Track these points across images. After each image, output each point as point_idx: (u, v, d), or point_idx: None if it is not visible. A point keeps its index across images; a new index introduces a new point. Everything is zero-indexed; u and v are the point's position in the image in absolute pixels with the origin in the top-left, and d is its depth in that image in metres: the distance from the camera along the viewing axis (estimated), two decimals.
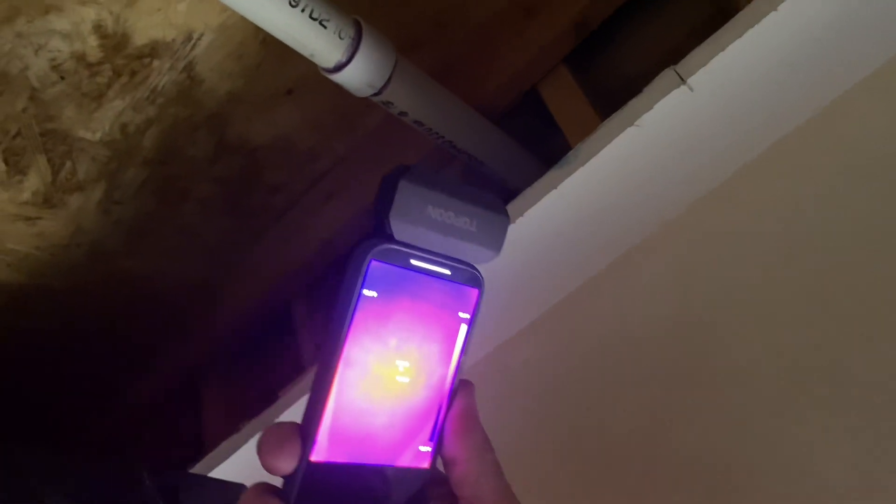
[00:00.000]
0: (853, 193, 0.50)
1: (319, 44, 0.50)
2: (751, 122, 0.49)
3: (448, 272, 0.34)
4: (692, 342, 0.55)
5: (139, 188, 0.71)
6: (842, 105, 0.50)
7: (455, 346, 0.35)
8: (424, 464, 0.35)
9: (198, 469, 0.64)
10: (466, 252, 0.34)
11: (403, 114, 0.57)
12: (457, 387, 0.35)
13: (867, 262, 0.49)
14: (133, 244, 0.75)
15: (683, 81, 0.42)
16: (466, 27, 0.68)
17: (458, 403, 0.35)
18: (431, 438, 0.34)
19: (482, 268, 0.35)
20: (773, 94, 0.47)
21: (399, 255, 0.32)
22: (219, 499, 0.50)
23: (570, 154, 0.46)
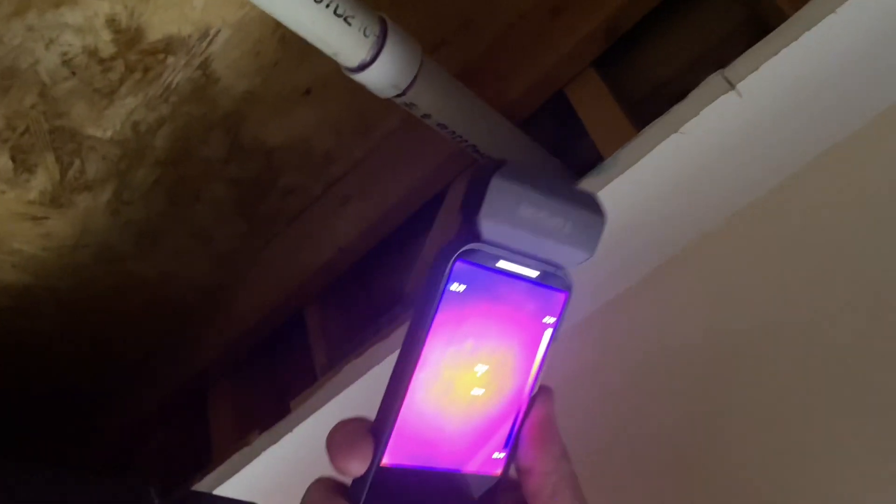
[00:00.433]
0: None
1: (343, 42, 0.48)
2: (801, 131, 0.46)
3: (536, 274, 0.32)
4: (730, 356, 0.53)
5: (150, 189, 0.69)
6: None
7: (537, 352, 0.33)
8: (497, 471, 0.33)
9: (206, 483, 0.62)
10: (557, 253, 0.32)
11: (427, 116, 0.55)
12: (536, 393, 0.33)
13: None
14: (142, 246, 0.73)
15: (732, 87, 0.40)
16: (492, 27, 0.66)
17: (537, 411, 0.33)
18: (506, 446, 0.33)
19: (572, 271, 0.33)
20: (827, 102, 0.44)
21: (486, 256, 0.30)
22: None
23: (609, 161, 0.44)
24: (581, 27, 0.61)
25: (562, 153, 0.65)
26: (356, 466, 0.29)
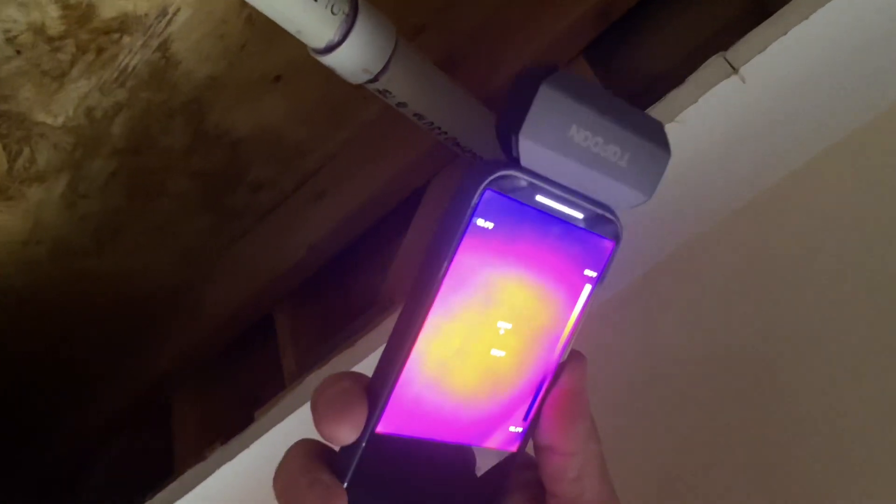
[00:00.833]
0: None
1: (307, 18, 0.43)
2: (809, 121, 0.42)
3: (581, 216, 0.27)
4: (722, 365, 0.49)
5: (108, 181, 0.64)
6: None
7: (573, 311, 0.28)
8: (512, 447, 0.28)
9: (162, 498, 0.58)
10: (609, 192, 0.27)
11: (402, 105, 0.51)
12: (566, 360, 0.28)
13: None
14: (101, 242, 0.69)
15: (735, 71, 0.36)
16: (476, 11, 0.62)
17: (566, 380, 0.28)
18: (525, 418, 0.28)
19: (624, 215, 0.28)
20: (840, 89, 0.40)
21: (523, 188, 0.25)
22: None
23: None
24: (571, 11, 0.57)
25: None
26: (346, 432, 0.24)
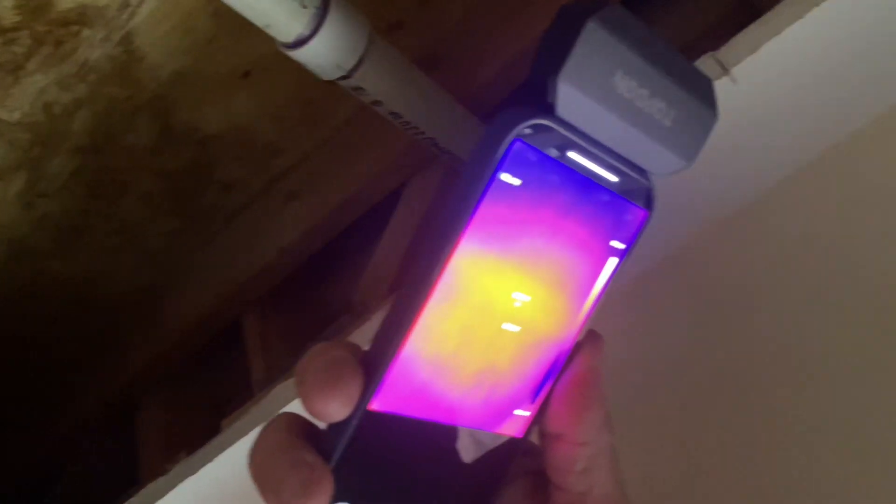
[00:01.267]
0: None
1: (277, 12, 0.41)
2: (803, 124, 0.41)
3: (615, 179, 0.24)
4: (713, 375, 0.47)
5: (68, 179, 0.61)
6: None
7: (595, 285, 0.25)
8: (517, 432, 0.26)
9: None
10: (648, 154, 0.24)
11: (377, 103, 0.48)
12: (582, 339, 0.26)
13: None
14: (62, 244, 0.66)
15: (726, 71, 0.34)
16: (456, 9, 0.60)
17: (580, 362, 0.26)
18: (534, 401, 0.25)
19: (660, 182, 0.25)
20: (835, 92, 0.39)
21: (557, 140, 0.22)
22: None
23: None
24: (552, 9, 0.55)
25: None
26: (336, 409, 0.22)
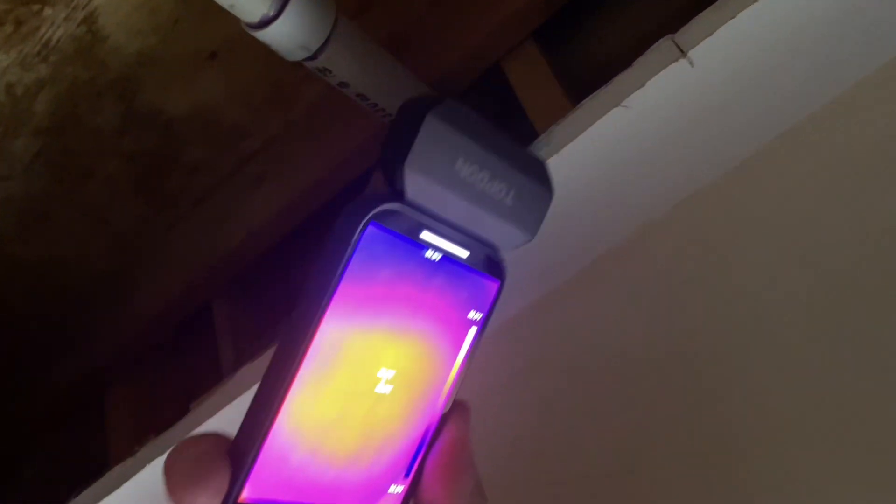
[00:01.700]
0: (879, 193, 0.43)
1: None
2: (760, 107, 0.42)
3: (466, 255, 0.25)
4: (675, 357, 0.48)
5: (32, 162, 0.60)
6: (870, 86, 0.42)
7: (457, 356, 0.26)
8: None
9: (90, 494, 0.55)
10: (494, 230, 0.25)
11: (344, 84, 0.48)
12: (449, 410, 0.26)
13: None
14: (26, 227, 0.65)
15: (683, 54, 0.34)
16: None
17: (449, 433, 0.26)
18: (408, 475, 0.26)
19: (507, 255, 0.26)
20: (793, 74, 0.39)
21: (408, 223, 0.23)
22: None
23: (542, 139, 0.38)
24: None
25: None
26: (205, 502, 0.21)
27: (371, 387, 0.24)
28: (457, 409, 0.27)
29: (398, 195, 0.23)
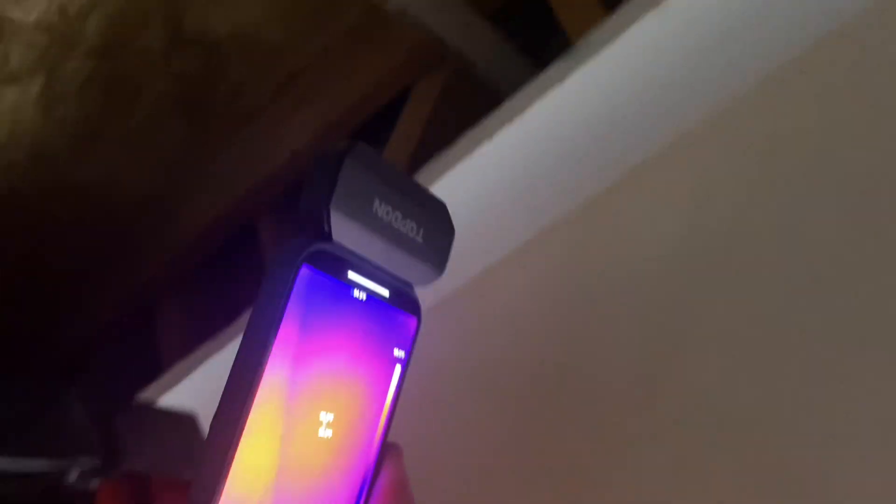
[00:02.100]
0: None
1: None
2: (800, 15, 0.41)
3: (387, 293, 0.26)
4: (705, 269, 0.49)
5: (84, 83, 0.63)
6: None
7: (387, 396, 0.27)
8: None
9: (148, 394, 0.59)
10: (408, 268, 0.26)
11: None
12: (383, 451, 0.27)
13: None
14: (79, 147, 0.68)
15: None
16: None
17: (387, 474, 0.26)
18: None
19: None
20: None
21: (336, 263, 0.23)
22: (162, 427, 0.44)
23: (581, 42, 0.39)
24: None
25: (535, 53, 0.61)
26: None
27: (315, 431, 0.24)
28: (390, 451, 0.27)
29: (326, 234, 0.23)
